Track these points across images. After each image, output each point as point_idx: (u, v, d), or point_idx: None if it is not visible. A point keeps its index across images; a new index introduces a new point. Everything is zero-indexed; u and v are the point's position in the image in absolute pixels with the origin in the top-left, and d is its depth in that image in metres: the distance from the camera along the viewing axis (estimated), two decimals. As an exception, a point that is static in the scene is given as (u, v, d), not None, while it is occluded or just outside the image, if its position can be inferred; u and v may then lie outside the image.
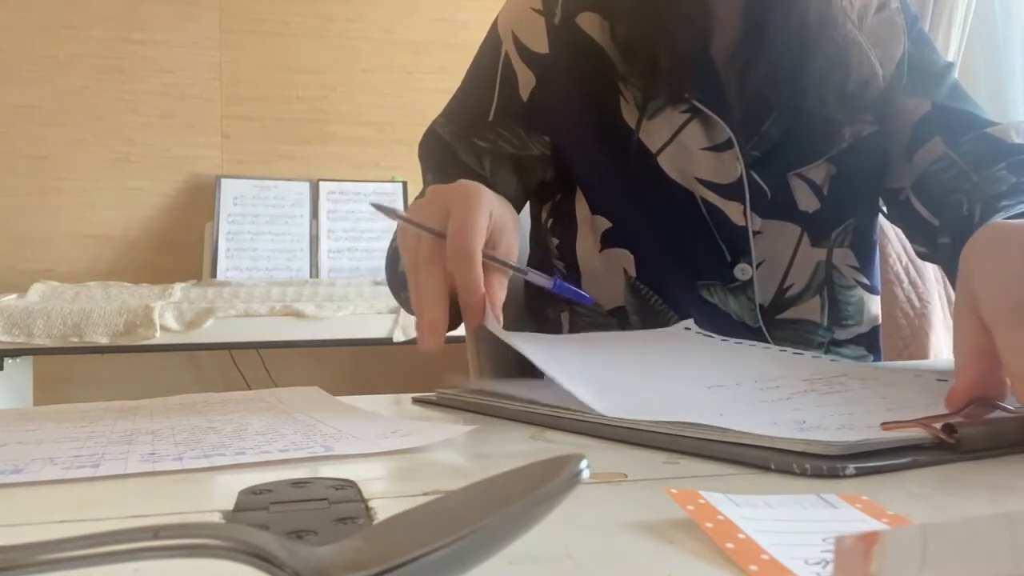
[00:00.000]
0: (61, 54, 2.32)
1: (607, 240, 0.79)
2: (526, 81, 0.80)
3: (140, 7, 2.37)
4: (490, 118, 0.81)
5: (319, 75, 2.48)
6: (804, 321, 0.79)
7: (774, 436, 0.35)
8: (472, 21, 2.48)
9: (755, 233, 0.77)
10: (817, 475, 0.32)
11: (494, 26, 0.83)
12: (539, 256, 0.89)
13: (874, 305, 0.83)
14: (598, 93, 0.77)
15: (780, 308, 0.78)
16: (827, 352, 0.79)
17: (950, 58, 2.35)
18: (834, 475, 0.32)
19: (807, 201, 0.78)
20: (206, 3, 2.41)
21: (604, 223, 0.79)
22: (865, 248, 0.81)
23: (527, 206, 0.90)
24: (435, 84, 2.49)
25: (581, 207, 0.81)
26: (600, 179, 0.79)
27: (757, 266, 0.77)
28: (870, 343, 0.82)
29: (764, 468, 0.34)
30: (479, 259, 0.54)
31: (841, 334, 0.80)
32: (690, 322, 0.70)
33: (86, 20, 2.34)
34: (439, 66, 2.50)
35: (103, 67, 2.35)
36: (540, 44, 0.79)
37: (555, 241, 0.84)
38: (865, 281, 0.81)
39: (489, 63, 0.82)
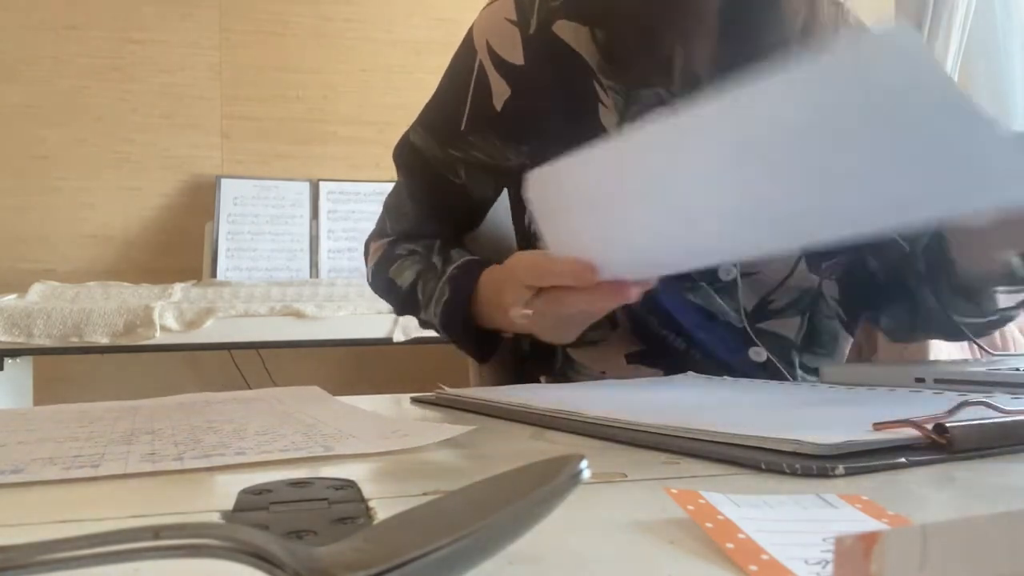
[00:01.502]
0: (61, 54, 2.32)
1: None
2: (500, 92, 0.80)
3: (140, 7, 2.37)
4: (462, 127, 0.82)
5: (319, 75, 2.48)
6: (780, 335, 0.80)
7: (765, 436, 0.35)
8: (472, 21, 2.47)
9: None
10: (807, 475, 0.32)
11: (469, 35, 0.84)
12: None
13: (845, 343, 0.84)
14: (576, 101, 0.78)
15: (761, 318, 0.79)
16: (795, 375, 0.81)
17: (950, 58, 2.36)
18: (824, 475, 0.32)
19: None
20: (206, 3, 2.41)
21: None
22: (850, 286, 0.82)
23: (510, 217, 0.90)
24: (435, 84, 2.48)
25: None
26: None
27: (750, 275, 0.78)
28: None
29: (755, 468, 0.34)
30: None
31: (811, 361, 0.81)
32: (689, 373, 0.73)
33: (86, 20, 2.34)
34: (439, 66, 2.47)
35: (103, 67, 2.35)
36: (515, 55, 0.79)
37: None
38: (843, 317, 0.82)
39: (463, 73, 0.83)
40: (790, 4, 0.75)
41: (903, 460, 0.33)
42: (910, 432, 0.35)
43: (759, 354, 0.78)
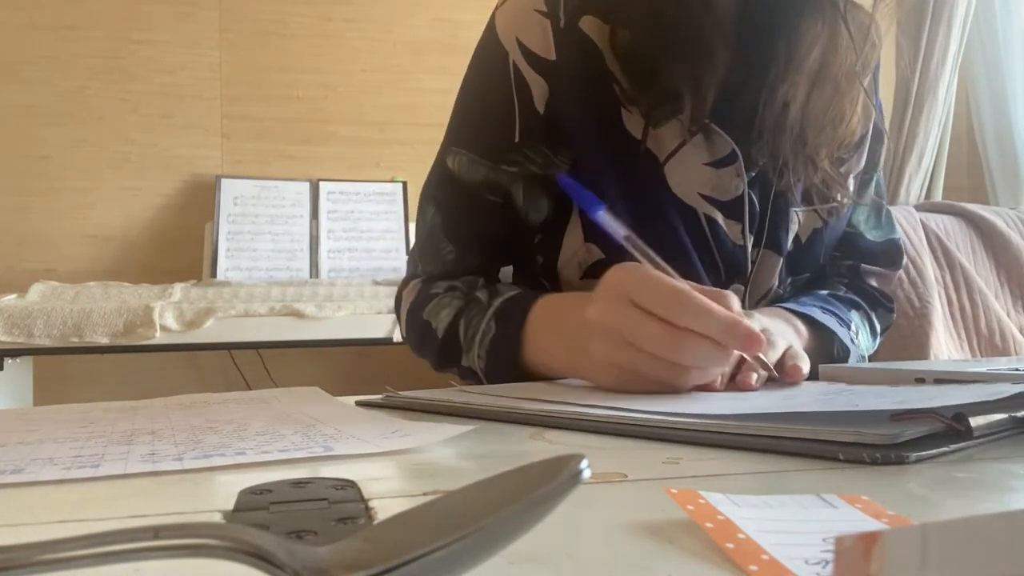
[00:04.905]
0: (61, 54, 2.32)
1: (593, 273, 0.74)
2: (540, 91, 0.73)
3: (140, 7, 2.37)
4: (516, 139, 0.74)
5: (319, 75, 2.48)
6: None
7: (819, 429, 0.36)
8: (472, 21, 2.48)
9: (752, 257, 0.77)
10: (887, 463, 0.34)
11: (492, 36, 0.75)
12: (519, 272, 0.84)
13: None
14: (602, 103, 0.73)
15: None
16: None
17: (949, 58, 2.36)
18: (900, 462, 0.34)
19: (791, 240, 0.78)
20: (206, 3, 2.41)
21: (596, 254, 0.74)
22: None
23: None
24: (435, 84, 2.49)
25: (573, 231, 0.75)
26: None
27: (745, 286, 0.77)
28: None
29: (833, 459, 0.35)
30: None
31: None
32: None
33: (86, 20, 2.34)
34: (439, 66, 2.50)
35: (103, 67, 2.35)
36: (547, 49, 0.73)
37: (540, 260, 0.80)
38: None
39: (497, 78, 0.74)
40: (809, 30, 0.71)
41: (948, 448, 0.35)
42: (932, 424, 0.37)
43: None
